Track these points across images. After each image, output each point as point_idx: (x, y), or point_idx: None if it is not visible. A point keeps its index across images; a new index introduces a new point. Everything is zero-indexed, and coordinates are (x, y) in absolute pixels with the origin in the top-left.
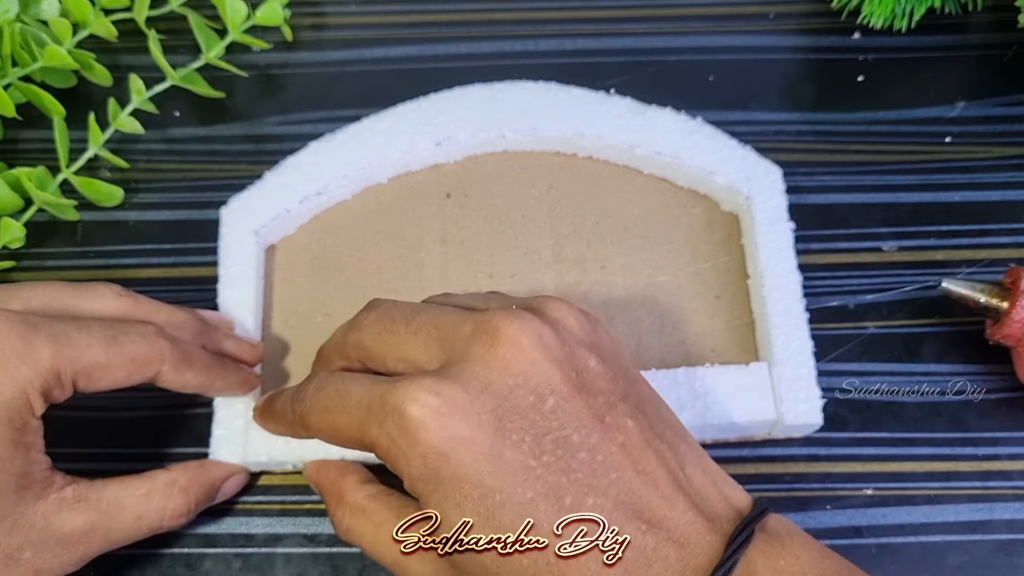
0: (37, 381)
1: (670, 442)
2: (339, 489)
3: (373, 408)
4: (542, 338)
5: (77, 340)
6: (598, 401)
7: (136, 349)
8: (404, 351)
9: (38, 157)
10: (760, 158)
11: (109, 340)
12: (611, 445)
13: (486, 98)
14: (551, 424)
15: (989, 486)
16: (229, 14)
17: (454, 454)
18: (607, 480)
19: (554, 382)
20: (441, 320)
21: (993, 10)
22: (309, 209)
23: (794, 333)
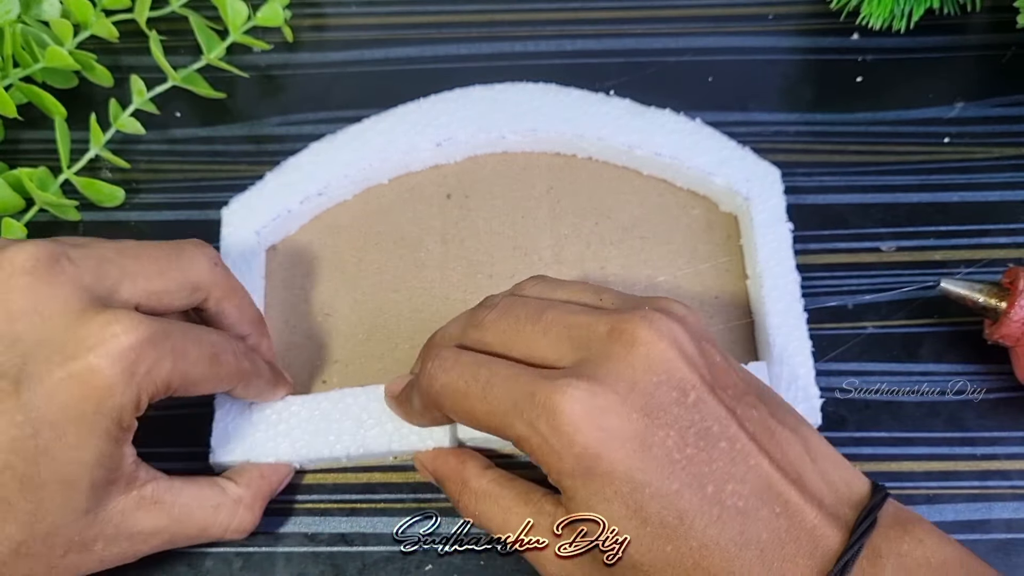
0: (151, 389)
1: (792, 427)
2: (462, 476)
3: (521, 404)
4: (677, 337)
5: (191, 354)
6: (728, 394)
7: (229, 369)
8: (531, 348)
9: (39, 158)
10: (759, 159)
11: (213, 358)
12: (744, 434)
13: (486, 99)
14: (693, 417)
15: (988, 486)
16: (230, 15)
17: (607, 452)
18: (744, 467)
19: (692, 378)
20: (572, 319)
21: (992, 11)
22: (310, 209)
23: (793, 333)
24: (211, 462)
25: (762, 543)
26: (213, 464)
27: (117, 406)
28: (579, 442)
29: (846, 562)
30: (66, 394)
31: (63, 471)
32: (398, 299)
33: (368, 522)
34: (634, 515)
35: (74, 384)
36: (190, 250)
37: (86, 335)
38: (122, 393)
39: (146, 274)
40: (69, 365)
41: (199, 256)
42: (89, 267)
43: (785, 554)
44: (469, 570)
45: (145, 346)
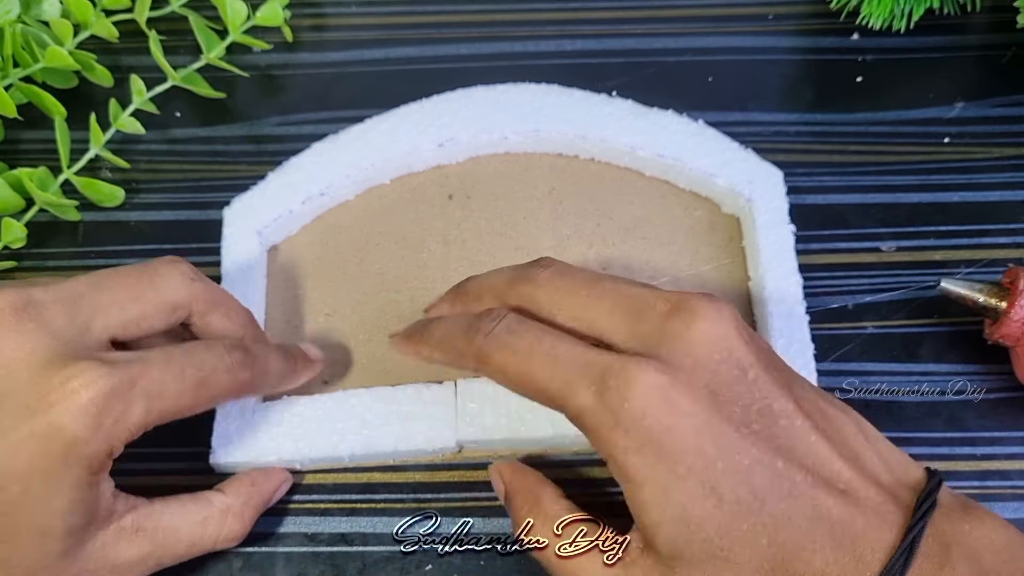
0: (124, 435)
1: (843, 409)
2: (536, 496)
3: (591, 375)
4: (734, 318)
5: (170, 391)
6: (783, 375)
7: (224, 387)
8: (584, 312)
9: (39, 157)
10: (761, 161)
11: (200, 384)
12: (802, 412)
13: (488, 100)
14: (755, 395)
15: (987, 485)
16: (230, 15)
17: (679, 428)
18: (806, 444)
19: (751, 356)
20: (629, 291)
21: (992, 11)
22: (312, 210)
23: (795, 335)
24: (211, 462)
25: (832, 519)
26: (213, 464)
27: (85, 456)
28: (650, 416)
29: (912, 539)
30: (30, 450)
31: (36, 520)
32: (400, 299)
33: (368, 522)
34: (711, 492)
35: (37, 441)
36: (163, 269)
37: (48, 390)
38: (89, 445)
39: (119, 304)
40: (32, 421)
41: (173, 274)
42: (58, 311)
43: (855, 531)
44: (469, 570)
45: (110, 398)
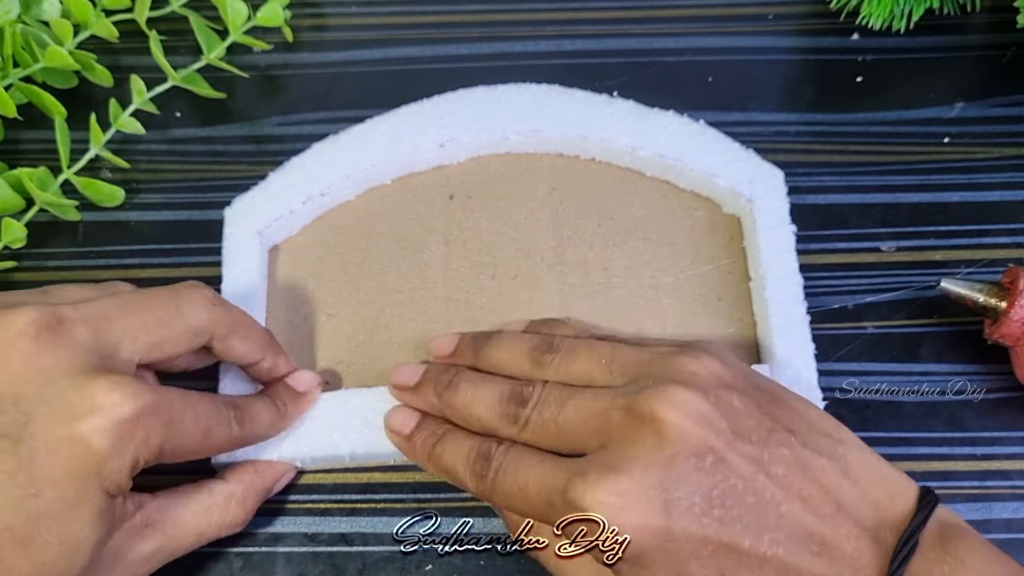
0: (146, 455)
1: (828, 452)
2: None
3: (555, 504)
4: (687, 405)
5: (186, 427)
6: (751, 440)
7: (220, 441)
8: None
9: (39, 157)
10: (762, 161)
11: (205, 432)
12: (774, 481)
13: (489, 100)
14: (715, 478)
15: (987, 486)
16: (230, 15)
17: (636, 538)
18: (776, 515)
19: (708, 440)
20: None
21: (992, 11)
22: (312, 210)
23: (796, 336)
24: (212, 461)
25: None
26: (215, 463)
27: (115, 469)
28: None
29: None
30: (67, 454)
31: (64, 531)
32: (401, 300)
33: (368, 522)
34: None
35: (74, 445)
36: (187, 294)
37: (88, 398)
38: (119, 458)
39: (145, 328)
40: (70, 427)
41: (196, 300)
42: (88, 329)
43: None
44: (469, 570)
45: (143, 415)
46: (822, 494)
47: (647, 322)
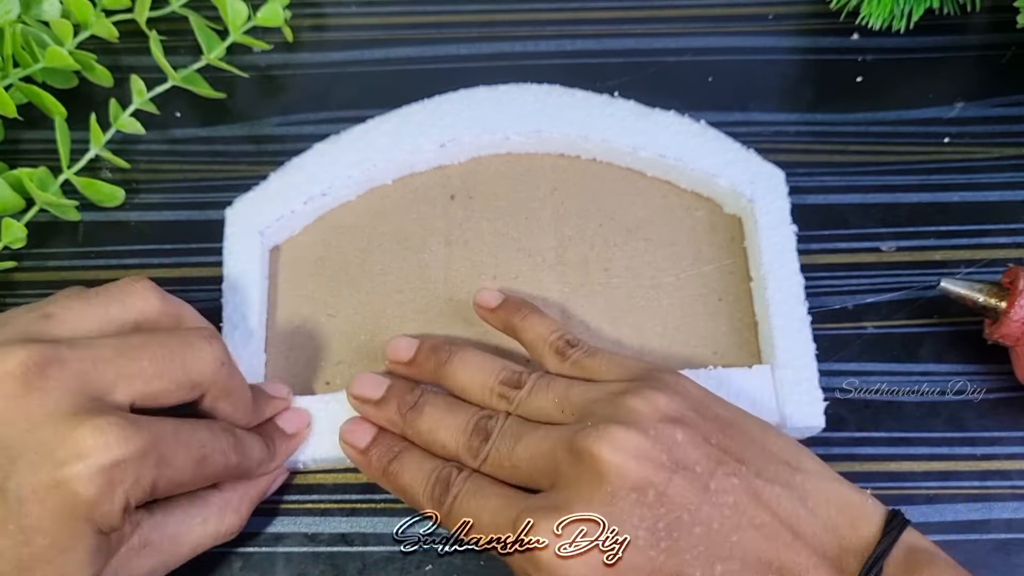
0: (137, 495)
1: (784, 481)
2: None
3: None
4: (624, 442)
5: (178, 461)
6: (696, 471)
7: (216, 469)
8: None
9: (39, 158)
10: (763, 161)
11: (200, 461)
12: (722, 510)
13: (490, 100)
14: (658, 512)
15: (987, 486)
16: (230, 15)
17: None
18: (728, 544)
19: (647, 474)
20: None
21: (992, 11)
22: (314, 210)
23: (797, 336)
24: None
25: None
26: None
27: (105, 513)
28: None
29: None
30: (54, 502)
31: (58, 571)
32: (401, 300)
33: (368, 522)
34: None
35: (61, 493)
36: (198, 346)
37: (73, 444)
38: (108, 503)
39: (144, 377)
40: (56, 474)
41: (207, 355)
42: (82, 370)
43: None
44: (469, 570)
45: (131, 459)
46: (776, 523)
47: (648, 322)
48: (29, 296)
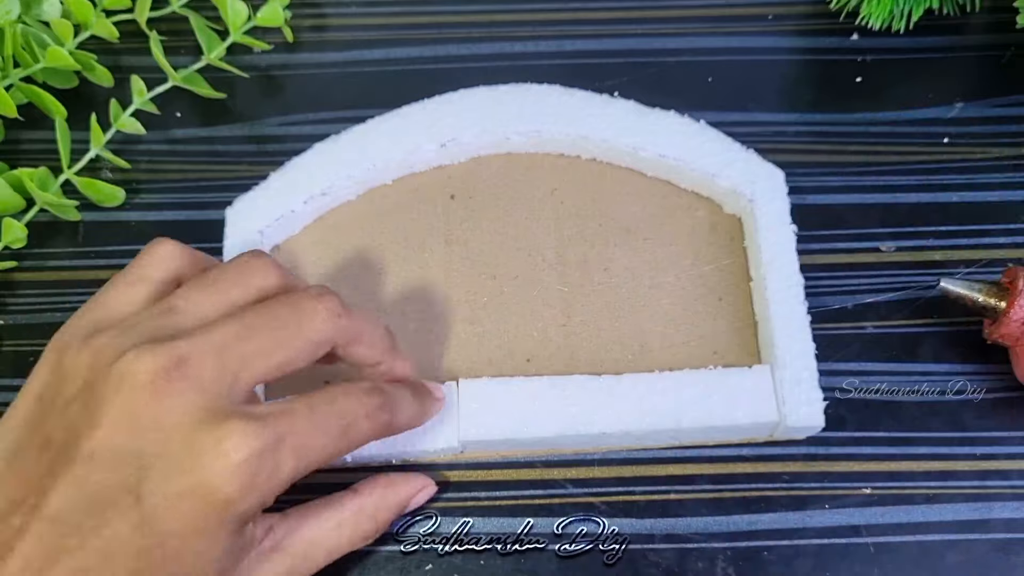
0: (276, 490)
1: None
2: None
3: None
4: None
5: (316, 444)
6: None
7: (364, 434)
8: None
9: (40, 158)
10: (763, 161)
11: (343, 433)
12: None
13: (491, 100)
14: None
15: (987, 485)
16: (230, 15)
17: None
18: None
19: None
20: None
21: (991, 11)
22: (314, 210)
23: (797, 335)
24: None
25: None
26: None
27: (239, 514)
28: None
29: None
30: (187, 508)
31: (191, 569)
32: (401, 299)
33: None
34: None
35: (194, 499)
36: (309, 308)
37: (202, 451)
38: (243, 502)
39: (265, 352)
40: (187, 480)
41: (319, 313)
42: (206, 365)
43: None
44: (469, 570)
45: (262, 457)
46: None
47: (648, 322)
48: (29, 296)
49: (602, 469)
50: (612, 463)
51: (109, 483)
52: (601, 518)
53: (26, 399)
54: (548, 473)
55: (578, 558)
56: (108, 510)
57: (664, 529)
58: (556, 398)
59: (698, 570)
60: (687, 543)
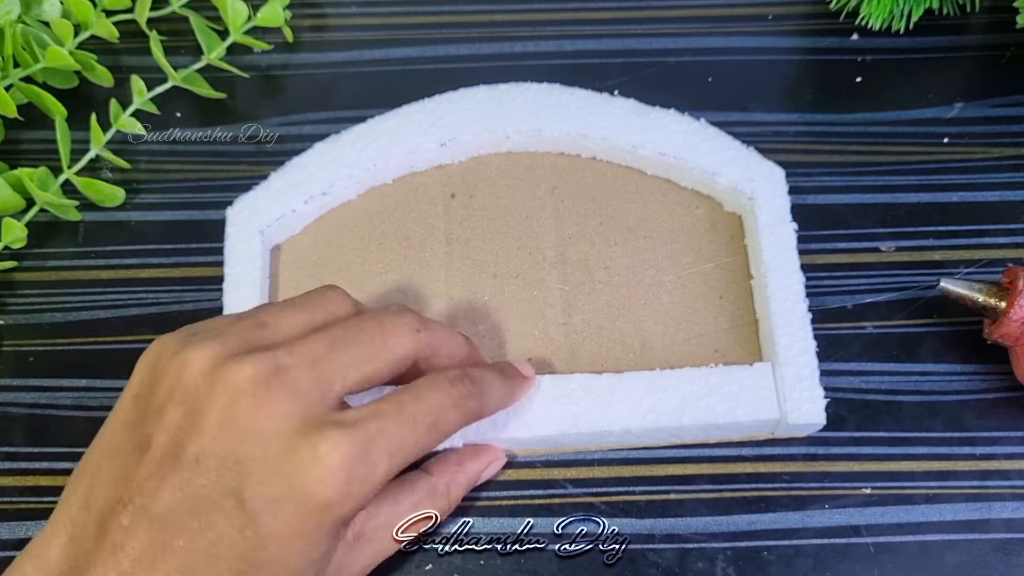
0: (372, 492)
1: None
2: None
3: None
4: None
5: (407, 443)
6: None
7: (453, 425)
8: None
9: (40, 158)
10: (763, 159)
11: (432, 427)
12: None
13: (491, 99)
14: None
15: (987, 485)
16: (230, 15)
17: None
18: None
19: None
20: None
21: (991, 11)
22: (314, 209)
23: (797, 333)
24: None
25: None
26: None
27: (337, 517)
28: None
29: None
30: (287, 512)
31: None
32: (403, 299)
33: None
34: None
35: (293, 504)
36: (391, 325)
37: (299, 458)
38: (340, 506)
39: (356, 364)
40: (286, 485)
41: (401, 329)
42: (303, 374)
43: None
44: (469, 570)
45: (356, 463)
46: None
47: (649, 320)
48: (29, 296)
49: (602, 469)
50: (612, 463)
51: (213, 487)
52: (601, 518)
53: (125, 400)
54: (548, 473)
55: (578, 558)
56: (213, 513)
57: (664, 529)
58: (557, 397)
59: (698, 570)
60: (687, 543)
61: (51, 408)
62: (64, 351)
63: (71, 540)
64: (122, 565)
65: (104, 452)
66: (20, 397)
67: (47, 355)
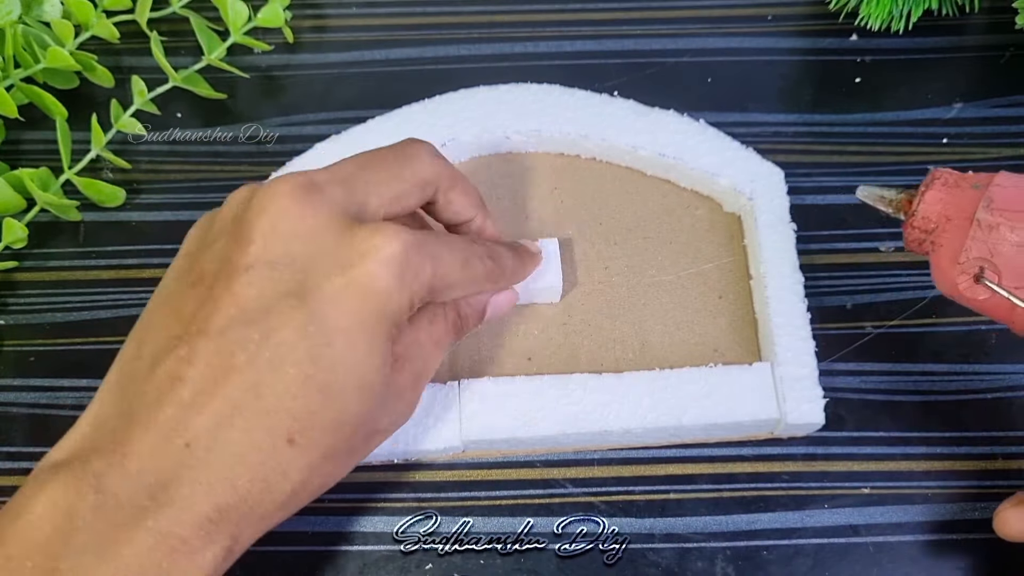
0: (419, 292)
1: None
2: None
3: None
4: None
5: (446, 259)
6: None
7: (477, 272)
8: None
9: (40, 158)
10: (763, 160)
11: (464, 263)
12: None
13: (491, 100)
14: None
15: (987, 485)
16: (231, 16)
17: None
18: None
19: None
20: None
21: (990, 12)
22: None
23: (797, 333)
24: None
25: None
26: None
27: (395, 309)
28: None
29: None
30: (350, 301)
31: (358, 376)
32: None
33: (368, 522)
34: None
35: (356, 291)
36: (411, 148)
37: (356, 246)
38: (398, 296)
39: (385, 182)
40: (348, 274)
41: (421, 151)
42: (338, 189)
43: None
44: (469, 570)
45: (409, 252)
46: None
47: (648, 320)
48: (30, 296)
49: (602, 469)
50: (612, 463)
51: (270, 292)
52: (601, 518)
53: (177, 260)
54: (548, 473)
55: (578, 558)
56: (272, 318)
57: (664, 529)
58: (557, 397)
59: (697, 570)
60: (687, 543)
61: (52, 408)
62: (65, 351)
63: (121, 389)
64: (181, 397)
65: (156, 305)
66: (21, 397)
67: (48, 355)
